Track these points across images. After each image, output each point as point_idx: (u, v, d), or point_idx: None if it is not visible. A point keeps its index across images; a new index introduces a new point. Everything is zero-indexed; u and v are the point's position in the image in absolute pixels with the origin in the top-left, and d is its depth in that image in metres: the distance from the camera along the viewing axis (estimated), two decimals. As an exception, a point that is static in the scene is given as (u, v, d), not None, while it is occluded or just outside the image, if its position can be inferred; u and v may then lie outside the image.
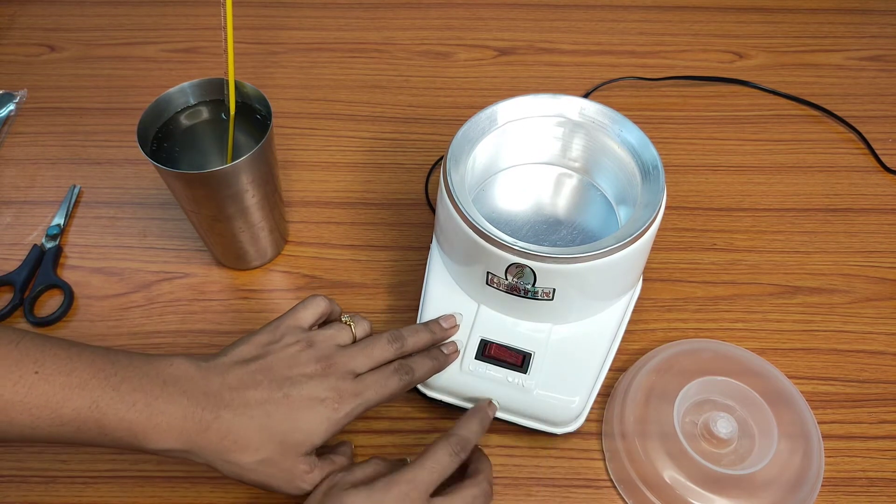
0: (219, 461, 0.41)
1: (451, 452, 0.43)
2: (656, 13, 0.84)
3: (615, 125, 0.52)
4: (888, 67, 0.78)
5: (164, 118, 0.54)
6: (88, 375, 0.39)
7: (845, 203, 0.66)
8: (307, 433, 0.42)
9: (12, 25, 0.82)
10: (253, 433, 0.41)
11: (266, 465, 0.41)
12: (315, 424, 0.42)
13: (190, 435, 0.40)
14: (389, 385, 0.45)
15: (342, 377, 0.44)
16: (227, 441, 0.41)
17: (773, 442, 0.47)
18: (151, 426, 0.39)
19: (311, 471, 0.43)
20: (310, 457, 0.43)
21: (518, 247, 0.45)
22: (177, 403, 0.40)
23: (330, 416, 0.42)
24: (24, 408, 0.38)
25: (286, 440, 0.41)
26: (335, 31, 0.81)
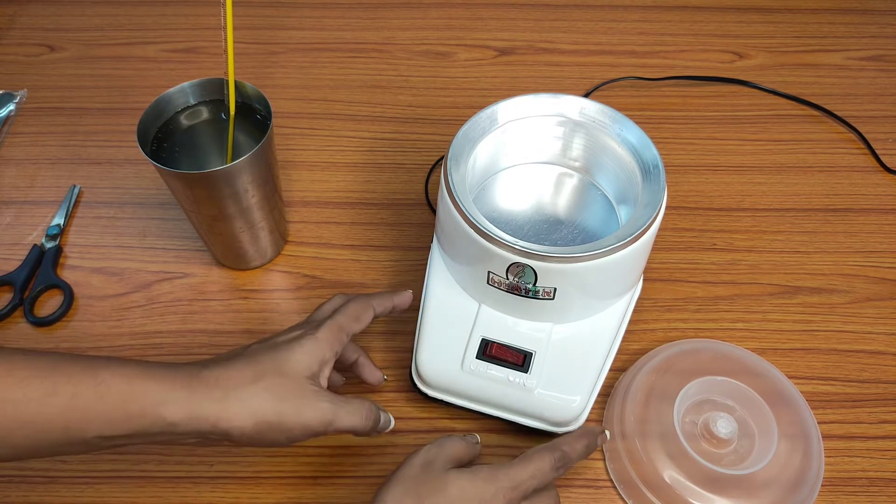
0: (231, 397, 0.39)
1: (554, 466, 0.42)
2: (656, 13, 0.84)
3: (616, 125, 0.52)
4: (888, 67, 0.78)
5: (164, 118, 0.54)
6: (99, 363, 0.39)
7: (845, 203, 0.66)
8: (290, 362, 0.41)
9: (12, 25, 0.82)
10: (236, 374, 0.40)
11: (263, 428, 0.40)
12: (294, 353, 0.42)
13: (181, 392, 0.39)
14: (349, 305, 0.47)
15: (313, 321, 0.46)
16: (217, 389, 0.39)
17: (773, 442, 0.47)
18: (147, 389, 0.38)
19: (320, 390, 0.42)
20: (316, 383, 0.42)
21: (519, 246, 0.45)
22: (171, 372, 0.40)
23: (307, 341, 0.43)
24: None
25: (275, 381, 0.40)
26: (335, 31, 0.81)
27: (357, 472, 0.50)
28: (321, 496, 0.49)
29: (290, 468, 0.50)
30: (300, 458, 0.50)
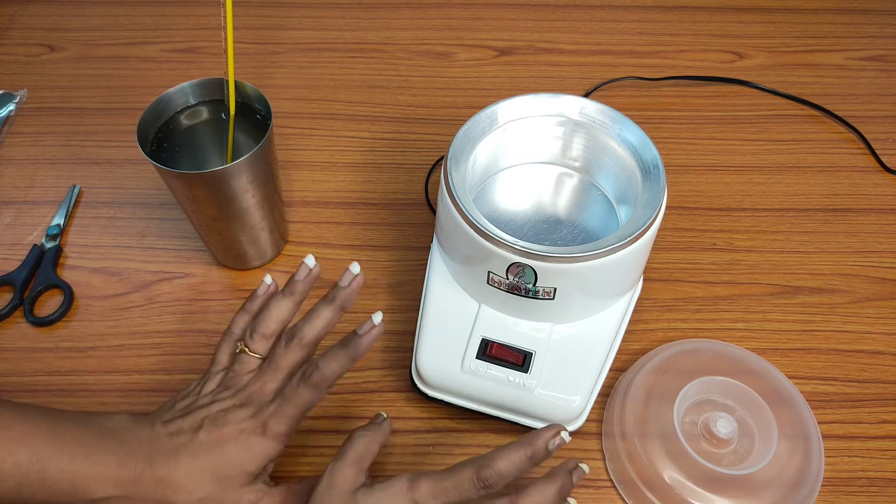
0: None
1: (475, 485, 0.39)
2: (656, 13, 0.84)
3: (616, 125, 0.52)
4: (888, 67, 0.78)
5: (164, 118, 0.54)
6: (29, 428, 0.40)
7: (845, 203, 0.66)
8: (237, 464, 0.41)
9: (12, 25, 0.82)
10: (183, 475, 0.41)
11: (208, 502, 0.41)
12: (243, 454, 0.42)
13: (126, 483, 0.40)
14: (300, 392, 0.43)
15: (259, 401, 0.43)
16: (161, 486, 0.40)
17: (773, 442, 0.47)
18: (92, 476, 0.40)
19: (259, 500, 0.42)
20: (255, 485, 0.42)
21: (519, 246, 0.45)
22: (113, 452, 0.40)
23: (256, 442, 0.42)
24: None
25: (219, 475, 0.41)
26: (335, 31, 0.81)
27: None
28: (321, 496, 0.49)
29: (289, 468, 0.50)
30: (300, 457, 0.50)
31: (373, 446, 0.43)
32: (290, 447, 0.50)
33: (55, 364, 0.55)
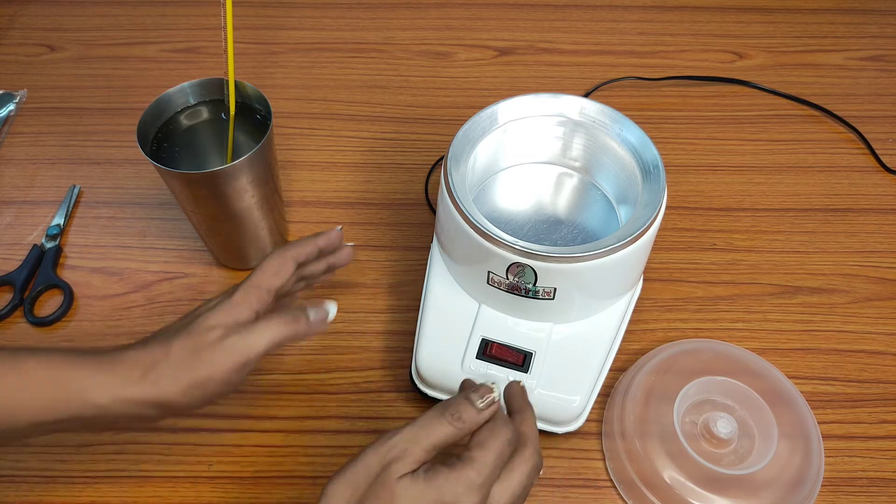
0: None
1: (513, 440, 0.38)
2: (656, 13, 0.84)
3: (616, 125, 0.52)
4: (888, 67, 0.78)
5: (164, 118, 0.54)
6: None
7: (845, 203, 0.66)
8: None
9: (12, 25, 0.82)
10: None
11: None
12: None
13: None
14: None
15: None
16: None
17: (773, 442, 0.47)
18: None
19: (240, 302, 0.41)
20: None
21: (519, 246, 0.45)
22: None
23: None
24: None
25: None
26: (335, 31, 0.81)
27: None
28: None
29: (289, 468, 0.50)
30: (300, 457, 0.50)
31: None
32: (289, 447, 0.50)
33: (55, 364, 0.55)
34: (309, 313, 0.43)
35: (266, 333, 0.41)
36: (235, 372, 0.40)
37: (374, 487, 0.35)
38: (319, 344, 0.56)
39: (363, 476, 0.35)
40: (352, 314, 0.58)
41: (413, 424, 0.37)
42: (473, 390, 0.38)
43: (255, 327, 0.41)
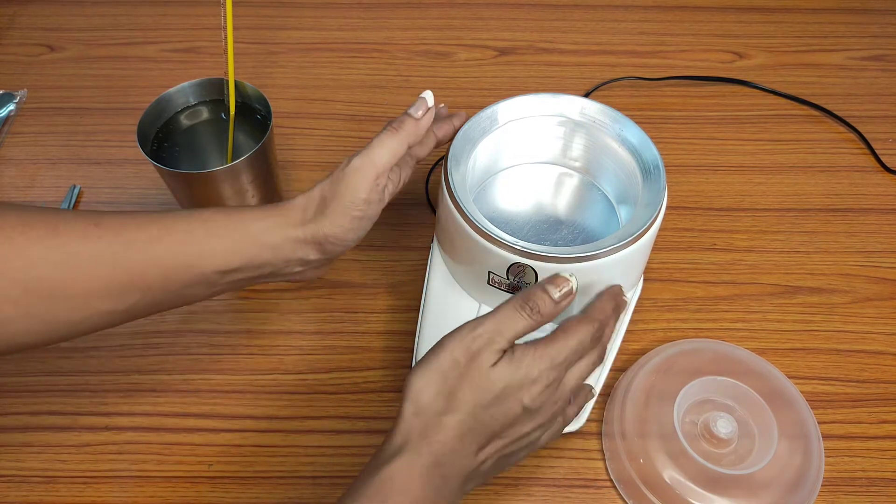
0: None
1: (594, 337, 0.40)
2: (656, 13, 0.84)
3: (616, 125, 0.52)
4: (889, 67, 0.78)
5: (164, 118, 0.54)
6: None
7: (845, 203, 0.66)
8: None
9: (12, 25, 0.82)
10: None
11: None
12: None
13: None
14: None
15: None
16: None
17: (773, 442, 0.47)
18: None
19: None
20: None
21: (520, 246, 0.45)
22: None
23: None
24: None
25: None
26: (335, 31, 0.81)
27: (357, 473, 0.50)
28: (321, 496, 0.49)
29: (290, 468, 0.50)
30: (300, 457, 0.50)
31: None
32: (289, 447, 0.50)
33: (55, 364, 0.55)
34: (409, 112, 0.47)
35: (381, 145, 0.45)
36: (371, 189, 0.44)
37: (467, 377, 0.37)
38: (319, 344, 0.56)
39: (449, 366, 0.37)
40: (352, 314, 0.58)
41: (494, 317, 0.38)
42: (550, 282, 0.40)
43: (371, 145, 0.45)
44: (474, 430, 0.37)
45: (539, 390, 0.38)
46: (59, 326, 0.39)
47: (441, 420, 0.36)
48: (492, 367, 0.37)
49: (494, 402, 0.37)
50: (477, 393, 0.36)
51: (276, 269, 0.44)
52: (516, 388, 0.37)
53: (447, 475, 0.36)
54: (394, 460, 0.36)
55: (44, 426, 0.51)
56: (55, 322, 0.38)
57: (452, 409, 0.36)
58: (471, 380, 0.36)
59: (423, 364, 0.37)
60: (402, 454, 0.36)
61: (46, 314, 0.38)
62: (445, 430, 0.36)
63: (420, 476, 0.35)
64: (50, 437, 0.51)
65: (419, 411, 0.36)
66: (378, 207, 0.46)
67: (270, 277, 0.45)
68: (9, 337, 0.38)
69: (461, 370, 0.37)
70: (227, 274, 0.42)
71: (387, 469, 0.35)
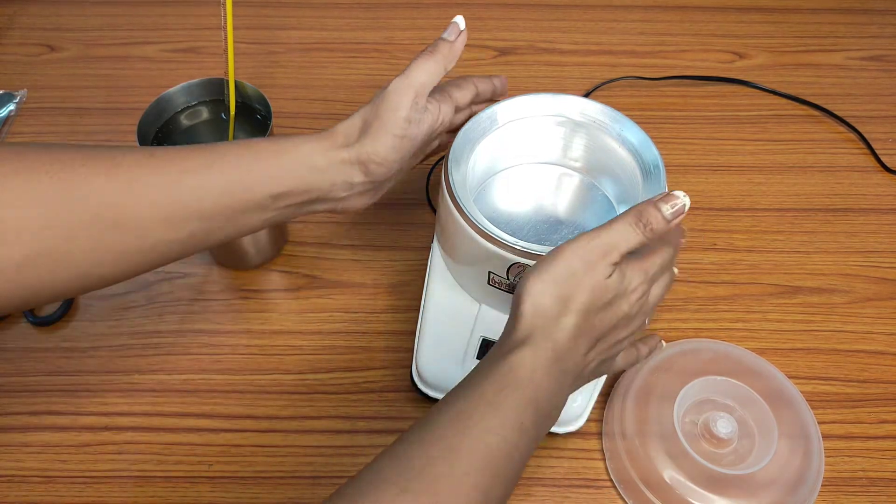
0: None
1: (671, 261, 0.43)
2: (656, 13, 0.84)
3: (616, 125, 0.52)
4: (888, 67, 0.78)
5: (164, 118, 0.54)
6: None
7: (845, 203, 0.66)
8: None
9: (12, 25, 0.82)
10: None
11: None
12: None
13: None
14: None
15: None
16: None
17: (773, 442, 0.47)
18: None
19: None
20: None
21: (520, 247, 0.45)
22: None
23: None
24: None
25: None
26: (335, 31, 0.81)
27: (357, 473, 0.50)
28: (321, 496, 0.49)
29: (290, 468, 0.50)
30: (300, 458, 0.50)
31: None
32: (289, 447, 0.50)
33: (56, 364, 0.55)
34: (443, 37, 0.49)
35: (418, 67, 0.47)
36: (411, 108, 0.46)
37: (584, 285, 0.39)
38: (319, 344, 0.56)
39: (567, 274, 0.39)
40: (352, 314, 0.58)
41: (609, 230, 0.40)
42: (663, 199, 0.41)
43: (408, 67, 0.47)
44: (586, 333, 0.39)
45: (636, 299, 0.41)
46: (127, 259, 0.40)
47: (559, 321, 0.38)
48: (606, 279, 0.39)
49: (603, 308, 0.39)
50: (591, 299, 0.39)
51: (322, 194, 0.46)
52: (621, 297, 0.40)
53: (564, 370, 0.38)
54: (518, 350, 0.37)
55: (44, 426, 0.51)
56: (124, 253, 0.40)
57: (569, 312, 0.38)
58: (587, 288, 0.39)
59: (542, 270, 0.39)
60: (527, 346, 0.37)
61: (114, 244, 0.39)
62: (563, 330, 0.38)
63: (543, 367, 0.37)
64: (50, 437, 0.51)
65: (538, 313, 0.38)
66: (418, 129, 0.47)
67: (318, 203, 0.46)
68: (83, 271, 0.39)
69: (578, 279, 0.39)
70: (277, 199, 0.44)
71: (512, 357, 0.37)
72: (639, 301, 0.41)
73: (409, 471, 0.33)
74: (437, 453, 0.33)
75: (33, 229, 0.36)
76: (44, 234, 0.37)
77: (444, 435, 0.34)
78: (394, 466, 0.33)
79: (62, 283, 0.38)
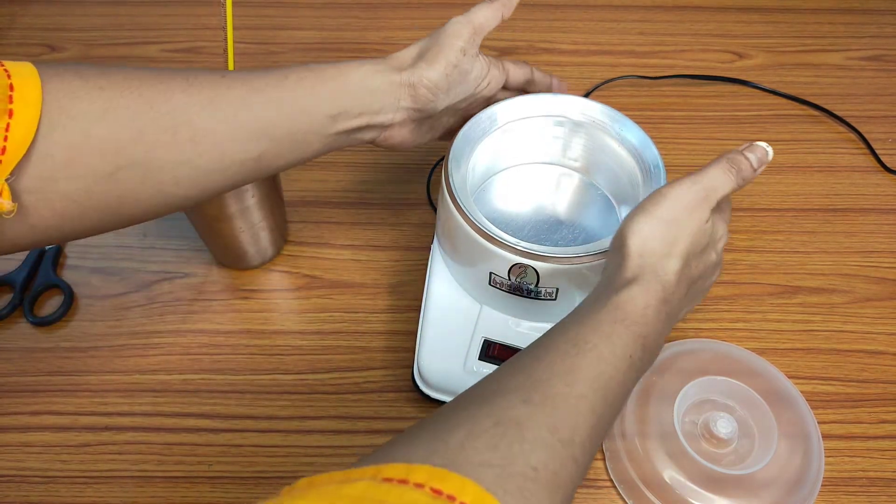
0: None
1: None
2: (656, 13, 0.84)
3: (616, 124, 0.52)
4: (888, 67, 0.78)
5: (164, 118, 0.54)
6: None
7: (845, 203, 0.66)
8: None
9: (12, 25, 0.82)
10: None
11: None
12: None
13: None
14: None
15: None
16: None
17: (773, 442, 0.47)
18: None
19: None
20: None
21: (521, 247, 0.45)
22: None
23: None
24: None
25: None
26: (335, 31, 0.81)
27: (357, 472, 0.50)
28: (321, 496, 0.49)
29: (290, 468, 0.50)
30: (300, 458, 0.50)
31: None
32: (289, 447, 0.50)
33: (56, 364, 0.55)
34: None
35: (479, 9, 0.49)
36: (468, 41, 0.48)
37: (687, 228, 0.40)
38: (319, 344, 0.56)
39: (671, 217, 0.40)
40: (352, 314, 0.58)
41: (707, 175, 0.42)
42: (749, 149, 0.44)
43: (471, 10, 0.50)
44: (686, 275, 0.41)
45: (721, 248, 0.44)
46: (204, 175, 0.41)
47: (666, 262, 0.39)
48: (705, 223, 0.41)
49: (701, 252, 0.42)
50: (692, 243, 0.40)
51: (371, 118, 0.47)
52: (714, 242, 0.43)
53: (670, 311, 0.40)
54: (629, 287, 0.38)
55: (44, 426, 0.51)
56: (200, 169, 0.41)
57: (674, 255, 0.40)
58: (690, 232, 0.40)
59: (646, 212, 0.40)
60: (637, 284, 0.39)
61: (193, 159, 0.40)
62: (669, 271, 0.39)
63: (653, 305, 0.38)
64: (50, 437, 0.51)
65: (645, 253, 0.39)
66: (470, 66, 0.49)
67: (367, 131, 0.48)
68: (165, 189, 0.40)
69: (681, 222, 0.40)
70: (335, 120, 0.45)
71: (624, 293, 0.38)
72: (720, 250, 0.43)
73: (531, 384, 0.34)
74: (556, 371, 0.34)
75: (122, 141, 0.38)
76: (130, 148, 0.38)
77: (563, 356, 0.35)
78: (517, 378, 0.34)
79: (146, 198, 0.40)
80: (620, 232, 0.41)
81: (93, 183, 0.38)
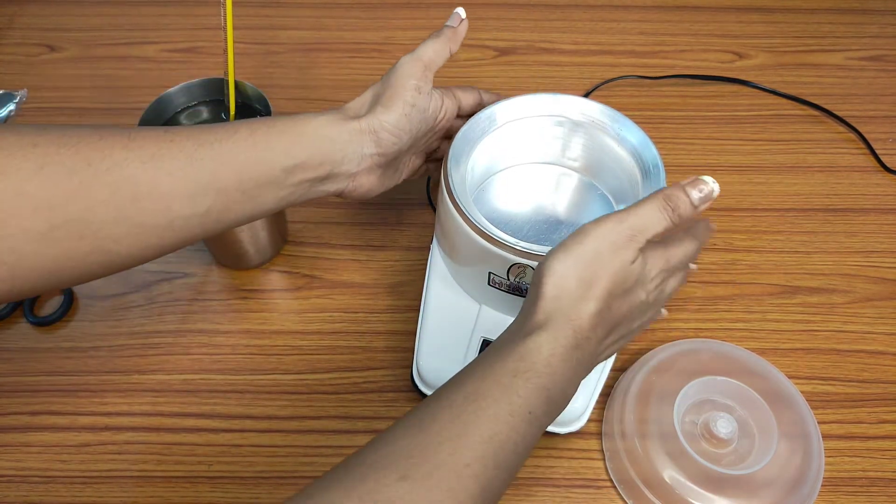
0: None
1: (692, 256, 0.43)
2: (656, 13, 0.84)
3: (615, 124, 0.52)
4: (888, 67, 0.78)
5: (164, 118, 0.54)
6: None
7: (845, 203, 0.66)
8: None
9: (12, 25, 0.82)
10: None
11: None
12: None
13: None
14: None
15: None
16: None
17: (773, 442, 0.47)
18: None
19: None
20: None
21: (521, 247, 0.45)
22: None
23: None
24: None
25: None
26: (335, 31, 0.81)
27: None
28: (321, 496, 0.49)
29: (289, 468, 0.50)
30: (300, 458, 0.50)
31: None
32: (289, 447, 0.50)
33: (56, 364, 0.55)
34: (447, 24, 0.51)
35: (425, 46, 0.49)
36: (420, 78, 0.48)
37: (608, 268, 0.38)
38: (319, 344, 0.56)
39: (592, 256, 0.38)
40: (352, 314, 0.58)
41: (637, 213, 0.39)
42: (691, 184, 0.41)
43: (418, 47, 0.49)
44: (605, 319, 0.38)
45: (653, 288, 0.40)
46: (147, 234, 0.40)
47: (581, 306, 0.37)
48: (631, 264, 0.38)
49: (624, 295, 0.39)
50: (614, 284, 0.38)
51: (334, 167, 0.46)
52: (641, 284, 0.39)
53: (581, 358, 0.37)
54: (537, 334, 0.36)
55: (44, 426, 0.51)
56: (143, 227, 0.39)
57: (591, 297, 0.37)
58: (611, 272, 0.38)
59: (566, 250, 0.38)
60: (545, 330, 0.36)
61: (134, 216, 0.39)
62: (583, 315, 0.37)
63: (562, 353, 0.36)
64: (49, 437, 0.51)
65: (561, 295, 0.37)
66: (427, 102, 0.49)
67: (330, 182, 0.47)
68: (105, 246, 0.39)
69: (603, 262, 0.38)
70: (290, 172, 0.44)
71: (530, 341, 0.36)
72: (656, 290, 0.40)
73: (410, 456, 0.32)
74: (442, 439, 0.33)
75: (56, 200, 0.36)
76: (66, 206, 0.37)
77: (451, 419, 0.33)
78: (396, 450, 0.33)
79: (82, 257, 0.38)
80: (539, 268, 0.38)
81: (24, 243, 0.36)
